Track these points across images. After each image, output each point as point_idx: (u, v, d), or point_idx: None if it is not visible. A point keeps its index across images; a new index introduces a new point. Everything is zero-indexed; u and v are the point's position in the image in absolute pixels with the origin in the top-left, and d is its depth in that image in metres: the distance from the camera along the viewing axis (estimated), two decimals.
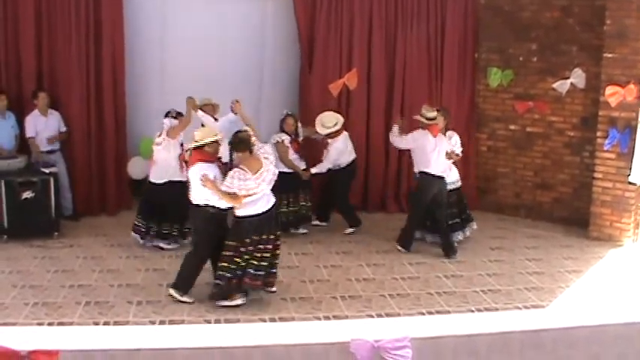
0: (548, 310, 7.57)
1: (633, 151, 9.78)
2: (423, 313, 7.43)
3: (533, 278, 8.60)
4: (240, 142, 7.23)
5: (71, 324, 6.93)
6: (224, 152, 7.88)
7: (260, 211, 7.30)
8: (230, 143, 7.35)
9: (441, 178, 9.26)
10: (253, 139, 7.35)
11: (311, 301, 7.75)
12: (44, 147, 10.13)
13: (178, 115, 9.03)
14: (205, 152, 7.40)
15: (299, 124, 10.11)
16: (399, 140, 9.54)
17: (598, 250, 9.79)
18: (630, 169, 9.80)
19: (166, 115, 9.11)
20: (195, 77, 10.80)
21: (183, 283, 7.62)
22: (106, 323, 7.01)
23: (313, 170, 9.97)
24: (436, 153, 9.17)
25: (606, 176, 10.15)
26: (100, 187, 10.77)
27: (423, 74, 11.44)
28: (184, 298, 7.54)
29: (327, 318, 7.29)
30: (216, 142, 7.46)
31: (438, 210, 9.33)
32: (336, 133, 9.95)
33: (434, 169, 9.18)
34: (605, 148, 10.07)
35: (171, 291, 7.60)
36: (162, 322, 7.09)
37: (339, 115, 10.07)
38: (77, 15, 10.23)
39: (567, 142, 11.01)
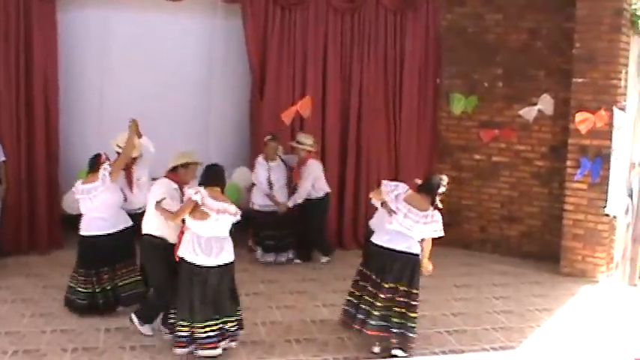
0: (518, 352, 7.40)
1: (608, 181, 9.71)
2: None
3: (502, 317, 8.41)
4: (430, 185, 7.27)
5: None
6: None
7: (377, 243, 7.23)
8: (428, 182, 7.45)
9: None
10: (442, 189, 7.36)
11: (263, 345, 7.29)
12: None
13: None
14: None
15: None
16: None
17: (570, 286, 9.65)
18: (605, 200, 9.73)
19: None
20: (137, 105, 10.25)
21: None
22: None
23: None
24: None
25: (577, 208, 10.06)
26: (30, 223, 10.18)
27: (381, 102, 11.23)
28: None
29: None
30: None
31: None
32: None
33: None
34: (576, 179, 9.98)
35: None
36: None
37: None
38: (7, 39, 9.72)
39: (536, 173, 10.95)
